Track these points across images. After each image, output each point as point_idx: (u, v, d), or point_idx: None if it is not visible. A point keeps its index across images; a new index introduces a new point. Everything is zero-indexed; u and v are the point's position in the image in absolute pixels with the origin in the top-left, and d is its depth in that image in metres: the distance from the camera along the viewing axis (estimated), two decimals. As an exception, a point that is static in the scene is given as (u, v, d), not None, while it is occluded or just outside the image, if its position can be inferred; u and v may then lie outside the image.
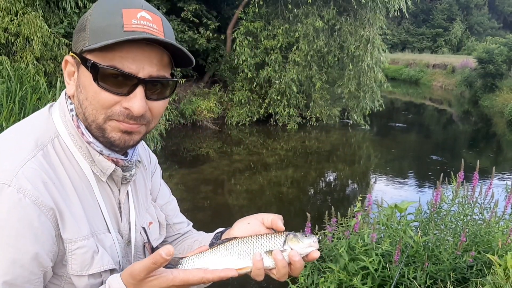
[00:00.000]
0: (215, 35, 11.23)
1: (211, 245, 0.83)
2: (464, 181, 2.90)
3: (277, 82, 10.72)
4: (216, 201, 6.10)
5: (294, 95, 10.88)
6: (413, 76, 26.87)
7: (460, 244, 2.61)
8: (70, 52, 0.80)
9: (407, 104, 19.13)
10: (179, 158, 8.37)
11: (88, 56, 0.75)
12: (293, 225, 4.69)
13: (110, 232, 0.84)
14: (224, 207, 5.96)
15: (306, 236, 0.76)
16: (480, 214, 2.91)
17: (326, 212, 2.84)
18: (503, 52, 17.01)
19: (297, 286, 2.84)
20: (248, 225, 0.85)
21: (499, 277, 2.36)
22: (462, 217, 2.90)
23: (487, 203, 2.89)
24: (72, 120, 0.80)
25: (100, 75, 0.74)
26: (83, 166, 0.81)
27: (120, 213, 0.89)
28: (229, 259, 0.77)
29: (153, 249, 0.93)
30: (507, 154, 10.29)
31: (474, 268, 2.66)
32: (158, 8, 10.65)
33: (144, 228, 0.95)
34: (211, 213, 5.66)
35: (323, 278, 2.72)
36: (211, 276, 0.74)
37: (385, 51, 11.31)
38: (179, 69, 10.30)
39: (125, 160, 0.85)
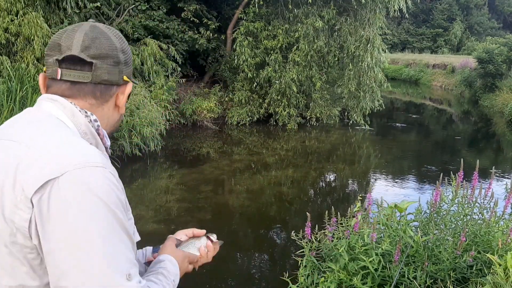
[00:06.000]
0: (215, 35, 11.23)
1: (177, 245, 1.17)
2: (464, 180, 2.91)
3: (277, 82, 10.72)
4: (217, 201, 6.11)
5: (294, 95, 10.88)
6: (413, 76, 26.87)
7: (460, 243, 2.62)
8: (125, 77, 0.99)
9: (407, 104, 19.13)
10: (180, 158, 8.37)
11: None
12: (293, 225, 4.67)
13: None
14: (224, 207, 5.97)
15: (207, 237, 1.22)
16: (480, 214, 2.92)
17: (326, 212, 2.85)
18: (503, 52, 17.00)
19: (297, 286, 2.84)
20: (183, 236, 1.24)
21: (499, 276, 2.36)
22: (462, 216, 2.91)
23: (487, 202, 2.90)
24: (98, 129, 0.96)
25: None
26: None
27: None
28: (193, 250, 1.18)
29: None
30: (507, 154, 10.30)
31: (474, 268, 2.66)
32: (158, 8, 10.68)
33: None
34: (211, 212, 5.67)
35: (323, 277, 2.73)
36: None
37: (385, 51, 11.31)
38: (179, 69, 10.31)
39: None
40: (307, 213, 2.79)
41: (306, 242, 2.83)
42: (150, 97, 8.65)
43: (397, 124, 13.58)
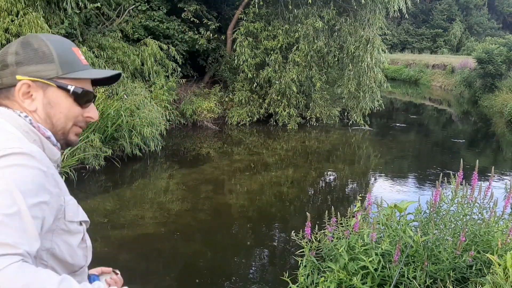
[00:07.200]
0: (216, 35, 11.24)
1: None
2: (464, 181, 2.91)
3: (277, 82, 10.73)
4: (217, 201, 6.11)
5: (294, 95, 10.89)
6: (412, 76, 26.87)
7: (459, 243, 2.63)
8: (30, 78, 0.97)
9: (407, 104, 19.14)
10: (180, 158, 8.38)
11: (63, 82, 1.00)
12: (293, 225, 4.68)
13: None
14: (224, 207, 5.97)
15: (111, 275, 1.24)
16: (480, 214, 2.93)
17: (326, 212, 2.86)
18: (503, 53, 17.01)
19: (297, 286, 2.85)
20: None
21: (499, 276, 2.37)
22: (461, 216, 2.92)
23: (487, 202, 2.91)
24: (31, 124, 0.98)
25: (79, 96, 1.02)
26: None
27: None
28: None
29: None
30: (506, 154, 10.31)
31: (474, 268, 2.67)
32: (158, 9, 10.69)
33: None
34: (211, 213, 5.67)
35: (323, 277, 2.74)
36: None
37: (384, 51, 11.31)
38: (179, 69, 10.25)
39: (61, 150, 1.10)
40: (307, 213, 2.80)
41: (306, 242, 2.84)
42: (150, 97, 8.66)
43: (396, 124, 13.59)
